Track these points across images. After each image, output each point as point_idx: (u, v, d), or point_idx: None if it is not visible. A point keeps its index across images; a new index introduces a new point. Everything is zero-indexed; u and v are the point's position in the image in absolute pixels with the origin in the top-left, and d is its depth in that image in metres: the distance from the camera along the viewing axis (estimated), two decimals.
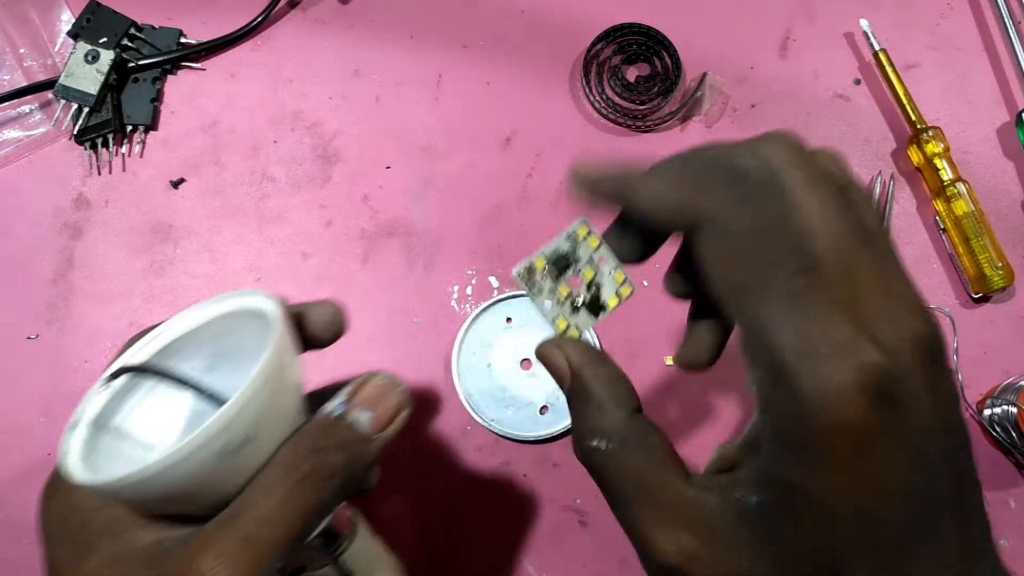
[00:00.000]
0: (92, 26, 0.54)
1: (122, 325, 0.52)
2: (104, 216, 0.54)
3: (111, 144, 0.54)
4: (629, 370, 0.54)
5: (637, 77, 0.57)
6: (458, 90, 0.56)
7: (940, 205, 0.54)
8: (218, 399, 0.27)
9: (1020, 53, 0.56)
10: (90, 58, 0.53)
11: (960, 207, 0.52)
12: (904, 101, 0.54)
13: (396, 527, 0.49)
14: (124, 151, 0.55)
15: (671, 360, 0.52)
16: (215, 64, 0.57)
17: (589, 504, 0.49)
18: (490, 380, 0.51)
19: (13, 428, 0.51)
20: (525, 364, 0.51)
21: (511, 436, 0.50)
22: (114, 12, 0.55)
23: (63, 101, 0.53)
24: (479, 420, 0.50)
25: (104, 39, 0.54)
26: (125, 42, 0.55)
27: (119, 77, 0.54)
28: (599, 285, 0.27)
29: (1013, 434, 0.49)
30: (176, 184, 0.54)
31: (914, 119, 0.54)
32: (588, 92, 0.56)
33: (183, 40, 0.56)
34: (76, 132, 0.53)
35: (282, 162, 0.55)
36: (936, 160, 0.53)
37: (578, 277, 0.27)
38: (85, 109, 0.53)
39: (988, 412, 0.51)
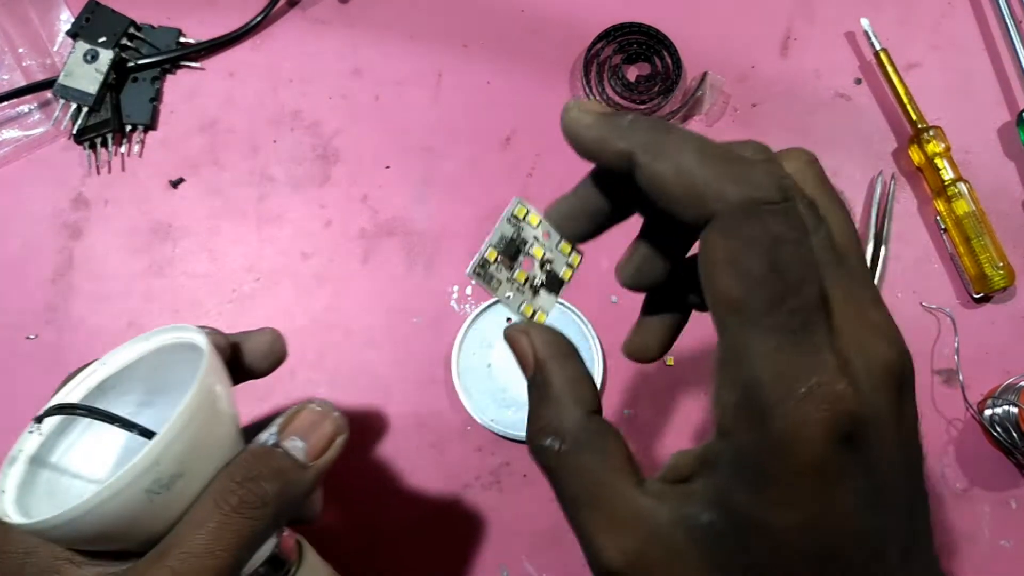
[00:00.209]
0: (91, 25, 0.54)
1: (121, 325, 0.52)
2: (103, 216, 0.54)
3: (110, 144, 0.54)
4: (627, 371, 0.54)
5: (637, 76, 0.57)
6: (458, 90, 0.56)
7: (941, 205, 0.54)
8: (151, 433, 0.27)
9: (1021, 53, 0.56)
10: (89, 58, 0.53)
11: (961, 207, 0.52)
12: (905, 101, 0.54)
13: (396, 527, 0.49)
14: (123, 151, 0.55)
15: (671, 361, 0.51)
16: (214, 64, 0.57)
17: None
18: (490, 380, 0.51)
19: (13, 428, 0.50)
20: None
21: (511, 436, 0.50)
22: (113, 12, 0.55)
23: (62, 101, 0.53)
24: (479, 420, 0.50)
25: (103, 39, 0.54)
26: (124, 42, 0.55)
27: (118, 77, 0.54)
28: (551, 261, 0.27)
29: (1014, 434, 0.49)
30: (175, 184, 0.54)
31: (915, 119, 0.54)
32: (588, 92, 0.55)
33: (182, 40, 0.56)
34: (75, 132, 0.53)
35: (281, 162, 0.55)
36: (937, 160, 0.53)
37: (529, 258, 0.27)
38: (84, 109, 0.53)
39: (989, 412, 0.50)
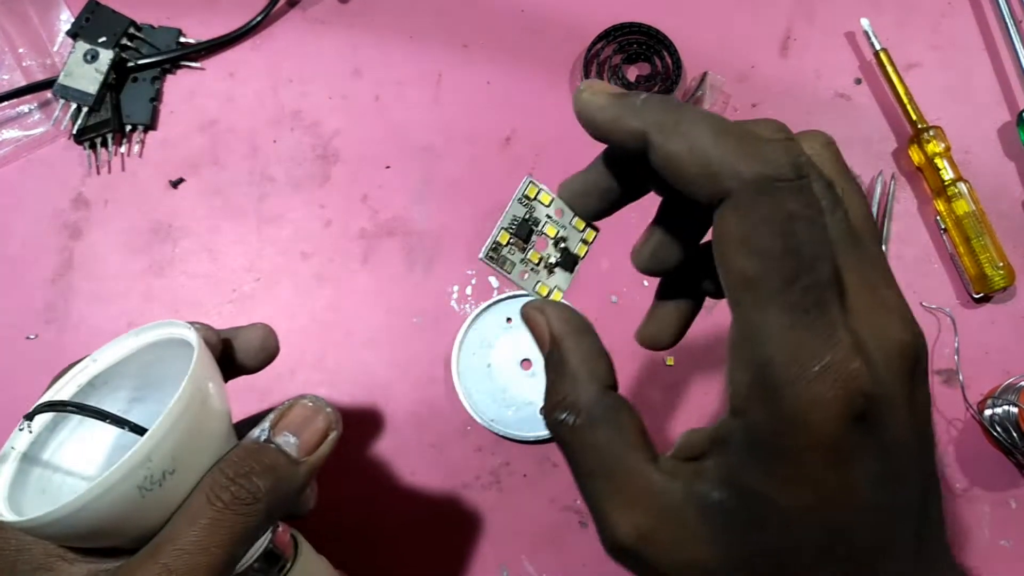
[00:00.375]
0: (91, 25, 0.54)
1: (121, 325, 0.52)
2: (103, 216, 0.54)
3: (110, 144, 0.54)
4: (629, 370, 0.54)
5: (638, 76, 0.57)
6: (458, 90, 0.56)
7: (941, 205, 0.54)
8: (140, 429, 0.27)
9: (1021, 53, 0.56)
10: (89, 57, 0.53)
11: (961, 207, 0.52)
12: (905, 101, 0.54)
13: (396, 526, 0.49)
14: (123, 151, 0.55)
15: (671, 360, 0.51)
16: (214, 64, 0.57)
17: None
18: (490, 380, 0.51)
19: (12, 428, 0.50)
20: (525, 364, 0.51)
21: (511, 436, 0.50)
22: (113, 11, 0.55)
23: (62, 101, 0.53)
24: (479, 420, 0.50)
25: (103, 38, 0.54)
26: (124, 41, 0.55)
27: (118, 76, 0.54)
28: (565, 239, 0.26)
29: (1014, 434, 0.49)
30: (175, 184, 0.54)
31: (915, 119, 0.54)
32: None
33: (182, 40, 0.56)
34: (75, 132, 0.53)
35: (281, 162, 0.55)
36: (937, 160, 0.53)
37: (543, 238, 0.26)
38: (84, 109, 0.53)
39: (989, 412, 0.50)
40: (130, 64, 0.54)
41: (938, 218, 0.54)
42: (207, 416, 0.27)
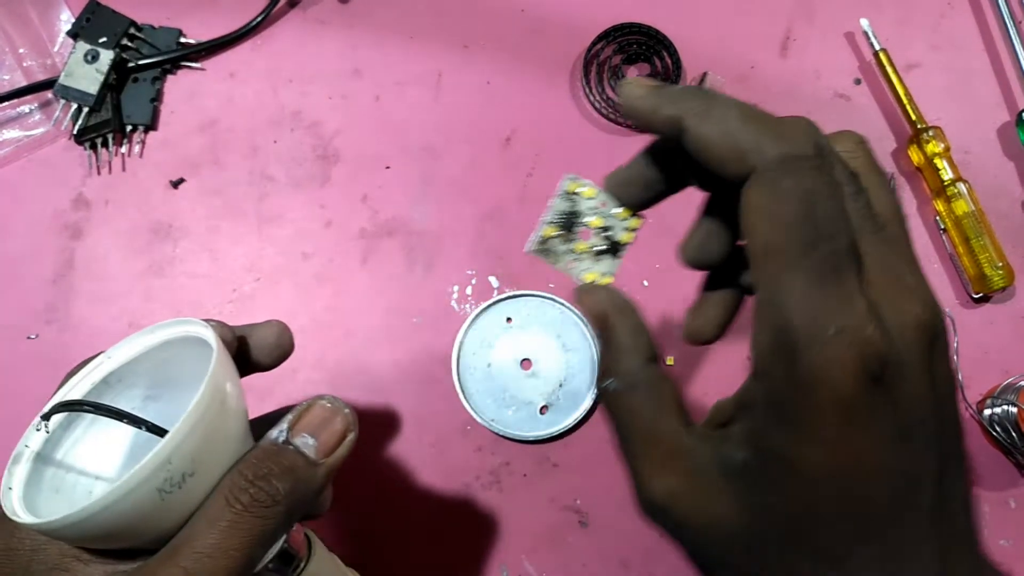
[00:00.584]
0: (92, 26, 0.54)
1: (122, 325, 0.52)
2: (104, 216, 0.54)
3: (111, 144, 0.54)
4: None
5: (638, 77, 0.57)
6: (458, 90, 0.56)
7: (940, 205, 0.54)
8: (157, 429, 0.27)
9: (1020, 53, 0.56)
10: (90, 58, 0.53)
11: (960, 207, 0.52)
12: (904, 101, 0.54)
13: (396, 526, 0.49)
14: (124, 151, 0.55)
15: (671, 360, 0.52)
16: (215, 64, 0.57)
17: (589, 504, 0.49)
18: (490, 380, 0.51)
19: (13, 428, 0.50)
20: (525, 364, 0.51)
21: (511, 436, 0.50)
22: (114, 12, 0.55)
23: (63, 101, 0.53)
24: (479, 420, 0.50)
25: (104, 39, 0.54)
26: (125, 42, 0.55)
27: (119, 77, 0.54)
28: (609, 228, 0.28)
29: (1013, 434, 0.49)
30: (176, 184, 0.54)
31: (914, 119, 0.54)
32: (588, 92, 0.55)
33: (183, 40, 0.56)
34: (76, 132, 0.53)
35: (282, 162, 0.55)
36: (936, 160, 0.53)
37: (587, 229, 0.28)
38: (85, 109, 0.53)
39: (988, 412, 0.50)
40: (130, 64, 0.55)
41: (937, 218, 0.54)
42: (226, 417, 0.26)
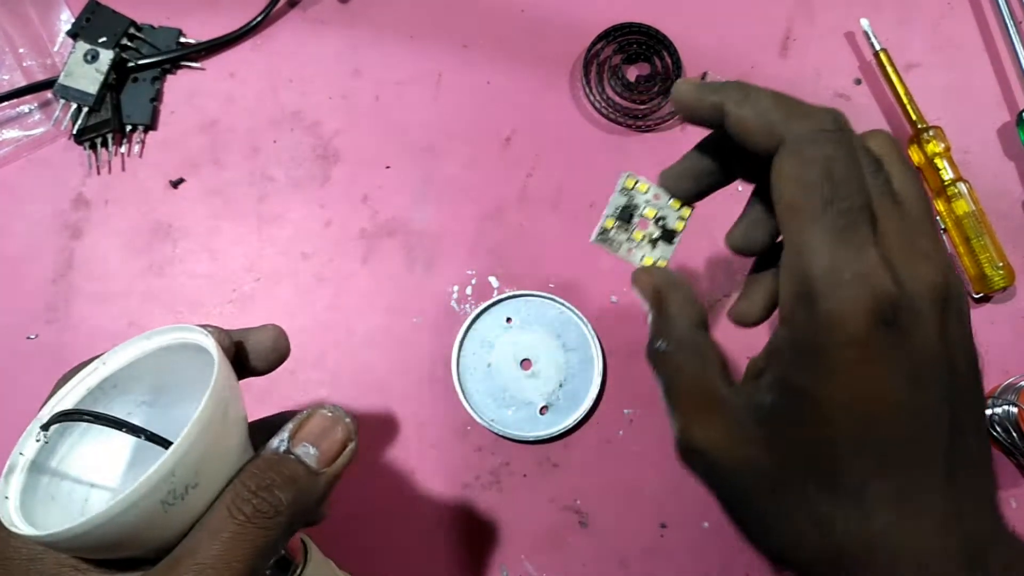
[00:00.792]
0: (91, 26, 0.54)
1: (122, 325, 0.52)
2: (104, 216, 0.54)
3: (110, 144, 0.54)
4: (629, 370, 0.54)
5: (637, 77, 0.57)
6: (458, 90, 0.56)
7: (941, 205, 0.54)
8: (158, 439, 0.26)
9: (1021, 53, 0.56)
10: (89, 58, 0.53)
11: (961, 207, 0.52)
12: (905, 101, 0.54)
13: (396, 526, 0.49)
14: (123, 151, 0.55)
15: None
16: (215, 64, 0.57)
17: (589, 504, 0.49)
18: (490, 380, 0.51)
19: (12, 428, 0.50)
20: (525, 364, 0.51)
21: (511, 436, 0.50)
22: (113, 12, 0.55)
23: (62, 101, 0.53)
24: (479, 420, 0.50)
25: (103, 39, 0.54)
26: (124, 42, 0.55)
27: (118, 77, 0.54)
28: (664, 218, 0.32)
29: (1014, 434, 0.49)
30: (175, 184, 0.54)
31: (915, 119, 0.54)
32: (588, 92, 0.55)
33: (182, 40, 0.56)
34: (75, 132, 0.53)
35: (281, 162, 0.55)
36: (937, 160, 0.53)
37: (643, 219, 0.32)
38: (84, 109, 0.53)
39: (988, 412, 0.50)
40: (130, 64, 0.55)
41: (938, 218, 0.54)
42: (228, 427, 0.26)
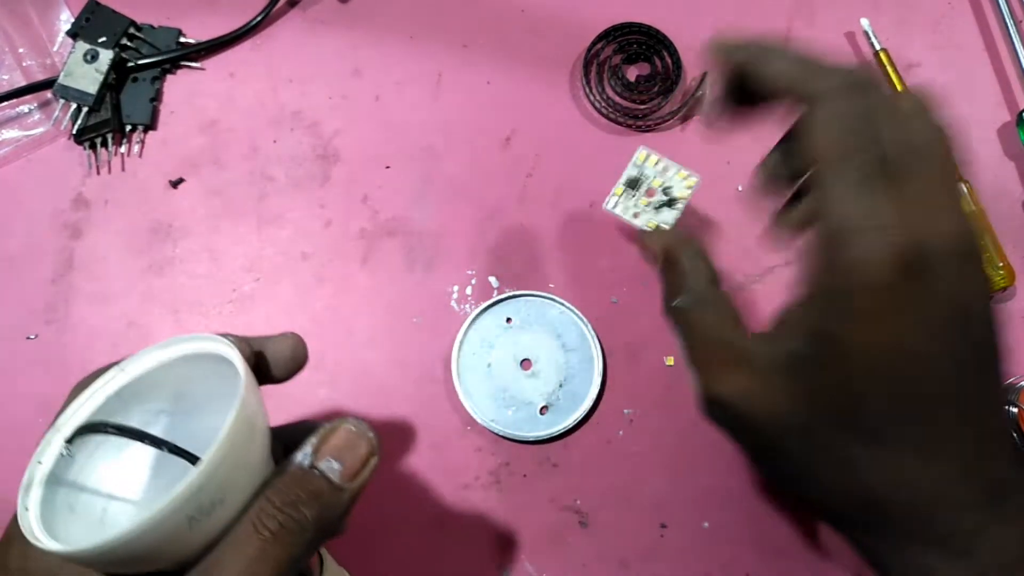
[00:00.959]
0: (91, 25, 0.54)
1: (122, 325, 0.52)
2: (103, 216, 0.54)
3: (110, 144, 0.54)
4: (629, 370, 0.54)
5: (637, 76, 0.57)
6: (458, 90, 0.56)
7: None
8: (180, 451, 0.26)
9: (1021, 53, 0.56)
10: (89, 57, 0.53)
11: None
12: None
13: (395, 527, 0.49)
14: (123, 151, 0.55)
15: (671, 360, 0.51)
16: (214, 64, 0.57)
17: (589, 504, 0.49)
18: (490, 380, 0.51)
19: (12, 428, 0.50)
20: (525, 364, 0.51)
21: (511, 436, 0.50)
22: (113, 11, 0.55)
23: (62, 101, 0.53)
24: (479, 420, 0.50)
25: (103, 38, 0.54)
26: (124, 41, 0.55)
27: (118, 76, 0.54)
28: (669, 187, 0.36)
29: (1014, 435, 0.49)
30: (175, 184, 0.54)
31: None
32: (588, 92, 0.55)
33: (182, 40, 0.56)
34: (75, 132, 0.53)
35: (281, 162, 0.55)
36: None
37: (651, 189, 0.36)
38: (84, 109, 0.53)
39: None
40: (130, 64, 0.55)
41: None
42: (253, 442, 0.26)
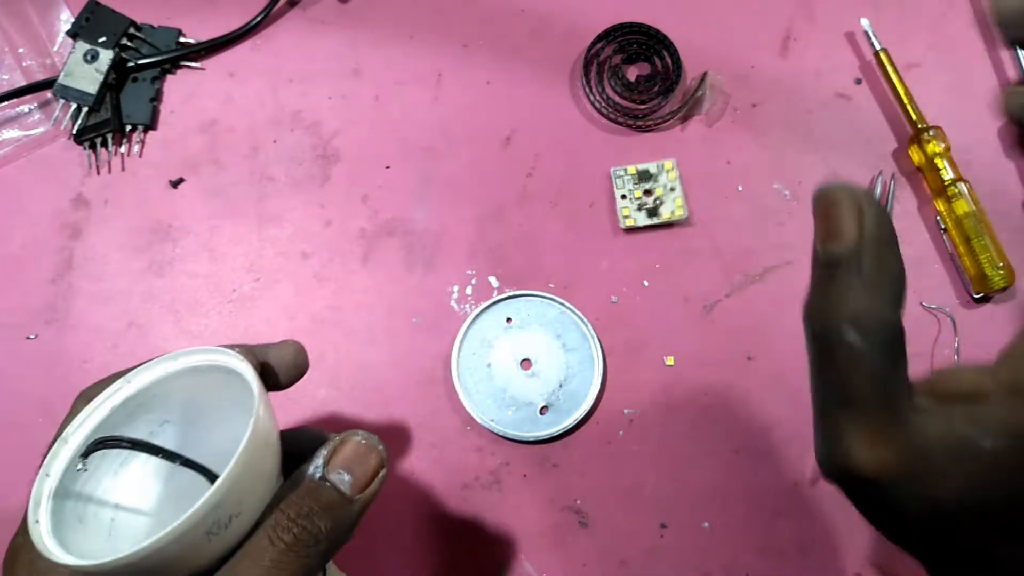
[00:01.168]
0: (91, 25, 0.54)
1: (122, 325, 0.52)
2: (103, 216, 0.54)
3: (110, 144, 0.54)
4: (629, 370, 0.54)
5: (637, 76, 0.57)
6: (458, 90, 0.56)
7: (941, 205, 0.54)
8: (192, 464, 0.27)
9: (1021, 53, 0.56)
10: (89, 57, 0.53)
11: (961, 207, 0.52)
12: (905, 101, 0.54)
13: (396, 527, 0.49)
14: (123, 151, 0.55)
15: (671, 360, 0.51)
16: (214, 64, 0.57)
17: (589, 504, 0.49)
18: (490, 380, 0.51)
19: (12, 428, 0.50)
20: (525, 364, 0.51)
21: (511, 436, 0.50)
22: (113, 11, 0.55)
23: (62, 101, 0.53)
24: (479, 420, 0.50)
25: (103, 38, 0.54)
26: (124, 41, 0.55)
27: (118, 76, 0.54)
28: (662, 201, 0.42)
29: None
30: (175, 184, 0.54)
31: (915, 119, 0.54)
32: (588, 92, 0.55)
33: (182, 39, 0.56)
34: (75, 132, 0.53)
35: (281, 162, 0.55)
36: (937, 160, 0.53)
37: (650, 191, 0.41)
38: (84, 109, 0.53)
39: None
40: (130, 64, 0.55)
41: (938, 218, 0.54)
42: (267, 455, 0.27)
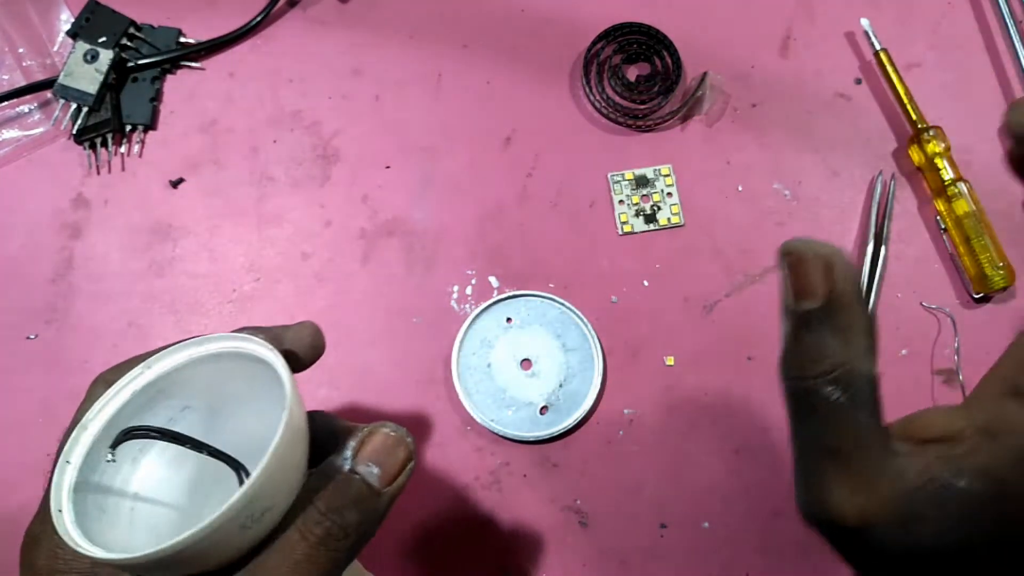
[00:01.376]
0: (91, 25, 0.54)
1: (122, 325, 0.52)
2: (103, 216, 0.54)
3: (110, 144, 0.54)
4: (629, 370, 0.54)
5: (637, 76, 0.57)
6: (458, 90, 0.56)
7: (941, 205, 0.54)
8: (218, 453, 0.27)
9: (1021, 53, 0.56)
10: (89, 57, 0.53)
11: (961, 207, 0.52)
12: (905, 100, 0.54)
13: (395, 526, 0.49)
14: (123, 151, 0.55)
15: (672, 360, 0.51)
16: (214, 64, 0.57)
17: (589, 504, 0.49)
18: (490, 380, 0.51)
19: (13, 428, 0.50)
20: (525, 364, 0.51)
21: (511, 436, 0.50)
22: (113, 11, 0.55)
23: (62, 101, 0.53)
24: (479, 420, 0.50)
25: (103, 38, 0.54)
26: (124, 41, 0.55)
27: (118, 76, 0.54)
28: (658, 207, 0.43)
29: None
30: (175, 184, 0.54)
31: (915, 118, 0.54)
32: (588, 92, 0.55)
33: (182, 39, 0.56)
34: (75, 132, 0.53)
35: (281, 162, 0.55)
36: (937, 160, 0.53)
37: (647, 196, 0.43)
38: (84, 109, 0.53)
39: None
40: (130, 64, 0.55)
41: (938, 218, 0.54)
42: (297, 447, 0.26)
